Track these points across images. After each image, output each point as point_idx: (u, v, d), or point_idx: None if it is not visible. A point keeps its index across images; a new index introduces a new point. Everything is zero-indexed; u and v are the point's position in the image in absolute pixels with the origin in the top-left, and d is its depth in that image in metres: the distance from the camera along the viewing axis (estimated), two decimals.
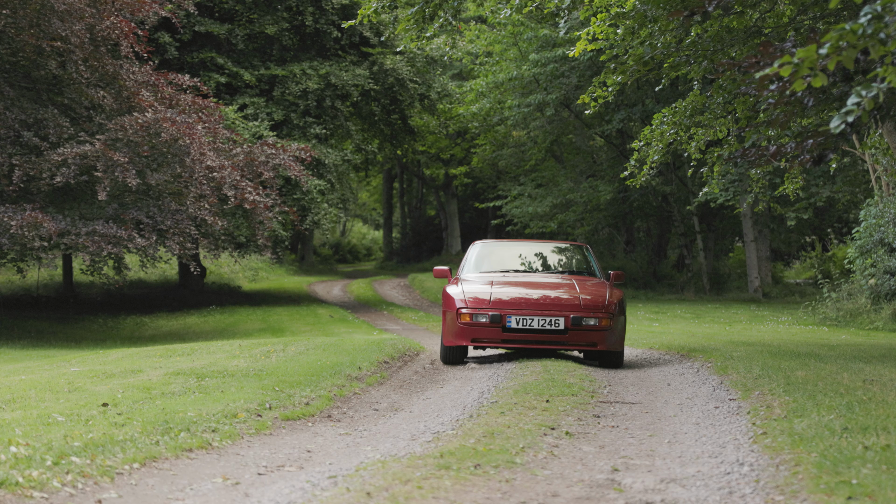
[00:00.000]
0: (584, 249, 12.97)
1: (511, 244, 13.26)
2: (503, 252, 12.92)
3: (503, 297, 11.10)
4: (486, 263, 12.45)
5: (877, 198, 18.99)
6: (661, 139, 12.81)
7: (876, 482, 4.81)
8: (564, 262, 12.75)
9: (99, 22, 16.37)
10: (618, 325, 11.09)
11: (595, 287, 11.51)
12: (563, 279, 11.88)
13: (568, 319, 10.87)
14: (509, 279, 11.79)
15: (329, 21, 26.95)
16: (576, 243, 13.13)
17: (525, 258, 12.73)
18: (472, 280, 11.76)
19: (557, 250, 13.07)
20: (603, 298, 11.11)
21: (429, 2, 12.55)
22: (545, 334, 10.90)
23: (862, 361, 10.49)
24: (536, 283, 11.71)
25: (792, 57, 4.90)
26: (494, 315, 10.89)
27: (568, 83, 28.34)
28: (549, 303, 11.04)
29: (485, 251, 12.81)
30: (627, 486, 5.23)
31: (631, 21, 11.40)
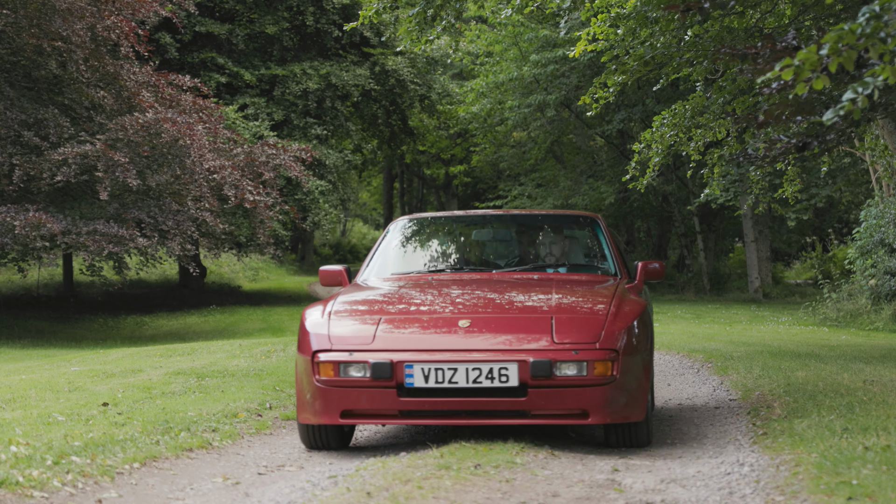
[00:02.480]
0: (592, 224, 7.61)
1: (460, 220, 7.94)
2: (443, 235, 7.77)
3: (401, 328, 5.98)
4: (409, 257, 7.47)
5: (877, 198, 18.99)
6: (662, 141, 12.80)
7: (876, 483, 4.81)
8: (555, 250, 7.56)
9: (100, 21, 16.38)
10: (633, 372, 5.88)
11: (592, 296, 6.34)
12: (539, 282, 6.79)
13: (525, 367, 5.64)
14: (434, 288, 6.66)
15: (330, 21, 26.95)
16: (579, 214, 7.87)
17: (481, 245, 7.71)
18: (362, 293, 6.65)
19: (544, 228, 7.84)
20: (599, 319, 5.91)
21: (430, 2, 12.55)
22: (483, 398, 5.73)
23: (862, 362, 10.49)
24: (482, 295, 6.45)
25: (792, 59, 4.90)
26: (380, 365, 5.70)
27: (568, 83, 28.34)
28: (492, 334, 5.86)
29: (409, 235, 7.68)
30: (627, 487, 5.23)
31: (632, 21, 11.40)
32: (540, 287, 6.53)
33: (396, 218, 8.02)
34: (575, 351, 5.66)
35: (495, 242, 7.65)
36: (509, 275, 6.98)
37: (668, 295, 29.39)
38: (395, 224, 7.69)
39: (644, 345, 6.01)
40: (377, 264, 7.29)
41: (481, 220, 7.85)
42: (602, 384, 5.71)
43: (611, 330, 5.79)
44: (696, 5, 6.98)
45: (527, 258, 7.48)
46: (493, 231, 7.74)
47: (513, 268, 7.20)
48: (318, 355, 5.86)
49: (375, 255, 7.38)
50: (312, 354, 5.87)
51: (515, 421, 5.75)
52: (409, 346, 5.78)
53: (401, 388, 5.71)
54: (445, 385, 5.66)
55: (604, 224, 7.51)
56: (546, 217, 7.99)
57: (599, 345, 5.71)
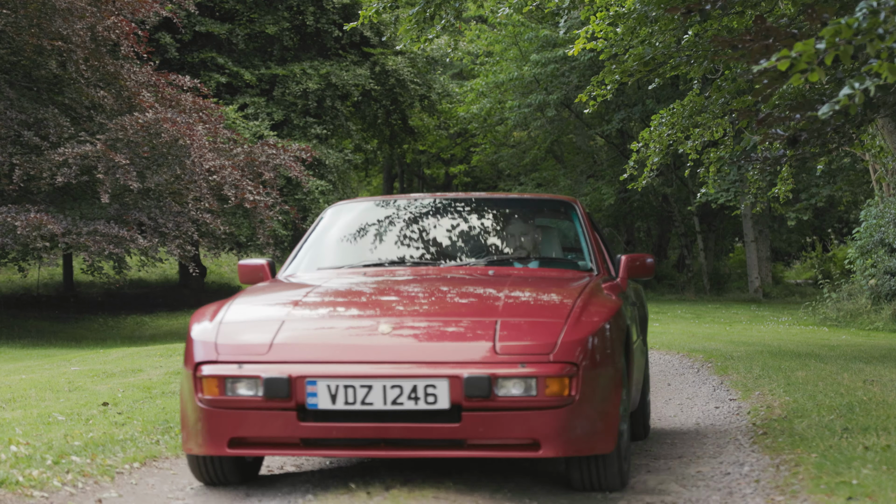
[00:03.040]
0: (568, 211, 6.40)
1: (409, 204, 6.54)
2: (387, 223, 6.41)
3: (307, 334, 4.77)
4: (343, 248, 6.23)
5: (877, 198, 19.00)
6: (660, 140, 12.81)
7: (876, 483, 4.81)
8: (521, 241, 6.31)
9: (100, 21, 16.38)
10: (598, 391, 4.62)
11: (553, 295, 5.09)
12: (493, 278, 5.54)
13: (457, 385, 4.41)
14: (363, 286, 5.44)
15: (330, 21, 26.96)
16: (552, 198, 6.66)
17: (431, 234, 6.31)
18: (271, 291, 5.48)
19: (508, 215, 6.46)
20: (556, 323, 4.66)
21: (430, 2, 12.55)
22: (405, 423, 4.48)
23: (862, 362, 10.49)
24: (418, 294, 5.26)
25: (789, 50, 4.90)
26: (274, 381, 4.48)
27: (568, 83, 28.35)
28: (419, 342, 4.65)
29: (347, 222, 6.42)
30: (628, 487, 5.23)
31: (631, 21, 11.41)
32: (492, 285, 5.23)
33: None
34: (522, 364, 4.32)
35: (448, 231, 6.22)
36: (460, 270, 5.68)
37: (669, 295, 29.39)
38: (331, 209, 6.43)
39: (615, 356, 4.67)
40: (306, 257, 6.02)
41: (432, 204, 6.44)
42: (557, 406, 4.36)
43: (570, 337, 4.45)
44: (696, 7, 6.98)
45: (485, 250, 6.05)
46: (447, 218, 6.31)
47: (466, 261, 5.88)
48: (201, 368, 4.56)
49: (304, 246, 6.09)
50: (195, 367, 4.57)
51: (447, 453, 4.44)
52: (314, 357, 4.46)
53: (302, 411, 4.40)
54: (357, 407, 4.34)
55: (582, 210, 6.27)
56: (511, 202, 6.55)
57: (554, 356, 4.36)
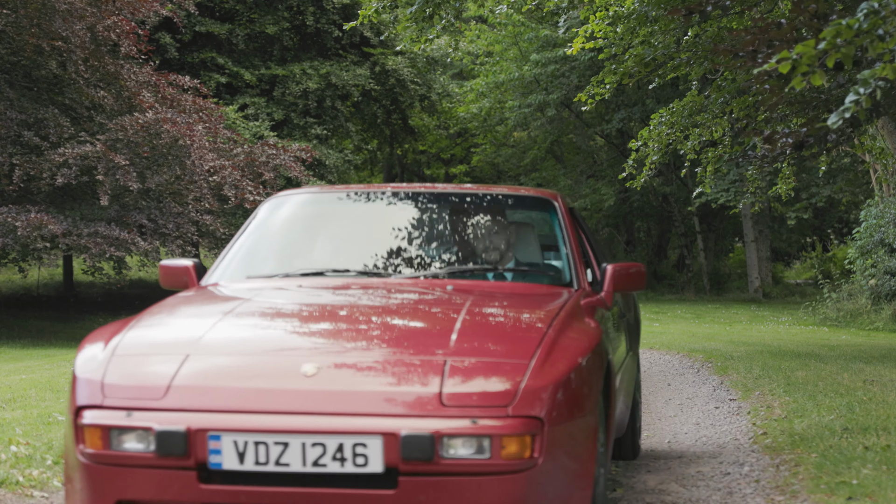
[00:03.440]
0: (546, 209, 5.30)
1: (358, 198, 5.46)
2: (332, 221, 5.38)
3: (214, 373, 3.73)
4: (277, 252, 5.17)
5: (877, 198, 19.01)
6: (659, 139, 12.82)
7: (876, 482, 4.81)
8: (488, 246, 5.12)
9: (100, 21, 16.39)
10: (569, 451, 3.63)
11: (519, 323, 4.21)
12: (450, 297, 4.45)
13: (393, 443, 3.43)
14: (291, 305, 4.51)
15: (330, 21, 26.97)
16: (526, 194, 5.39)
17: (381, 237, 5.12)
18: (181, 309, 4.39)
19: (474, 213, 5.29)
20: (518, 365, 3.64)
21: (429, 1, 12.56)
22: (329, 489, 3.49)
23: (862, 362, 10.50)
24: (355, 319, 4.28)
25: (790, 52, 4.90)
26: (169, 434, 3.50)
27: (568, 83, 28.36)
28: (349, 389, 3.59)
29: (285, 220, 5.34)
30: (628, 487, 5.24)
31: (631, 21, 11.41)
32: (448, 307, 4.20)
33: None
34: (473, 419, 3.39)
35: (403, 232, 5.04)
36: (413, 284, 4.57)
37: (669, 295, 29.41)
38: (270, 201, 5.29)
39: (591, 403, 3.72)
40: (234, 260, 4.92)
41: (388, 198, 5.29)
42: (516, 471, 3.45)
43: (535, 383, 3.50)
44: (697, 9, 6.98)
45: (445, 258, 4.91)
46: (403, 215, 5.15)
47: (422, 272, 4.73)
48: (82, 414, 3.60)
49: (235, 246, 5.00)
50: (76, 412, 3.63)
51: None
52: (220, 405, 3.53)
53: (204, 471, 3.49)
54: (271, 468, 3.45)
55: (563, 207, 5.10)
56: (480, 197, 5.27)
57: (513, 408, 3.42)
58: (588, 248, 5.43)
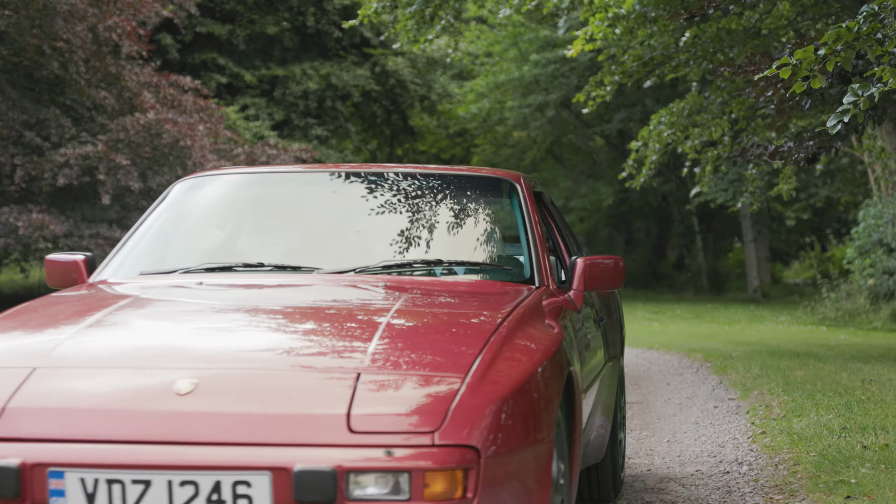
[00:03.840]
0: (507, 192, 4.39)
1: (283, 181, 4.71)
2: (250, 208, 4.51)
3: (63, 392, 2.85)
4: (181, 243, 4.29)
5: (875, 198, 19.04)
6: (659, 139, 12.85)
7: (874, 482, 4.85)
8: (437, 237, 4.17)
9: (101, 22, 16.42)
10: (513, 488, 2.79)
11: (454, 329, 3.34)
12: (380, 296, 3.68)
13: (283, 481, 2.63)
14: (187, 306, 3.73)
15: (330, 21, 27.01)
16: (483, 174, 4.52)
17: (307, 226, 4.35)
18: (46, 310, 3.54)
19: (420, 197, 4.34)
20: (450, 380, 2.85)
21: (428, 2, 12.60)
22: None
23: (860, 361, 10.54)
24: (253, 324, 3.43)
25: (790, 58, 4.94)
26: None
27: (568, 84, 28.39)
28: (231, 412, 2.75)
29: (194, 205, 4.46)
30: (627, 486, 5.27)
31: (631, 21, 11.44)
32: (373, 308, 3.53)
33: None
34: (388, 450, 2.66)
35: (334, 220, 4.29)
36: (338, 280, 3.81)
37: (668, 294, 29.43)
38: (180, 184, 4.49)
39: (544, 426, 2.94)
40: (131, 254, 4.16)
41: (319, 180, 4.57)
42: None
43: (469, 404, 2.76)
44: (699, 12, 7.01)
45: (380, 250, 4.05)
46: (336, 200, 4.38)
47: (351, 266, 3.89)
48: None
49: (132, 238, 4.24)
50: None
51: None
52: (65, 432, 2.74)
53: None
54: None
55: (527, 190, 4.31)
56: (428, 178, 4.42)
57: (441, 435, 2.69)
58: (559, 240, 4.63)
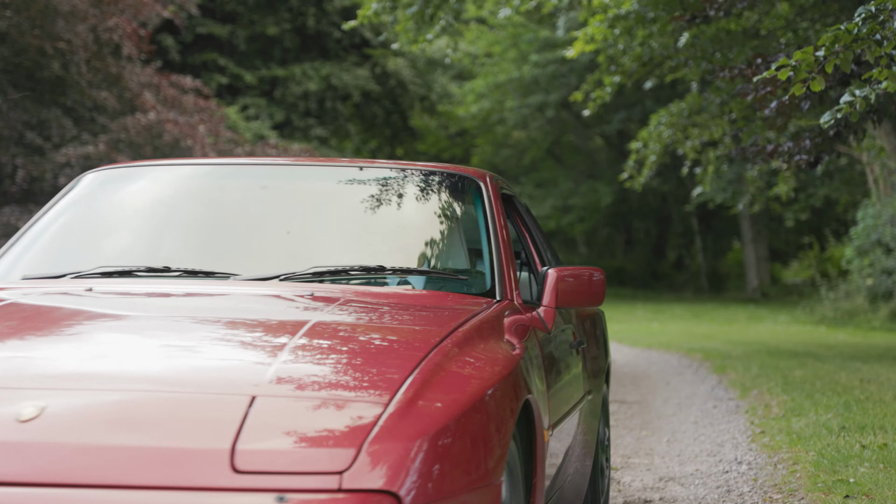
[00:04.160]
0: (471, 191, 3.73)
1: (207, 174, 3.98)
2: (163, 203, 3.82)
3: None
4: (81, 243, 3.67)
5: (874, 198, 19.08)
6: (659, 140, 12.89)
7: (873, 481, 4.88)
8: (383, 242, 3.62)
9: (102, 23, 16.46)
10: None
11: (394, 343, 2.78)
12: (301, 308, 3.03)
13: None
14: (69, 317, 3.01)
15: (331, 22, 27.03)
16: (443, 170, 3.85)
17: (229, 226, 3.72)
18: None
19: (366, 198, 3.72)
20: (368, 406, 2.24)
21: (428, 2, 12.64)
22: None
23: (859, 361, 10.57)
24: (143, 341, 2.73)
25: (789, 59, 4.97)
26: None
27: (568, 84, 28.43)
28: (91, 442, 2.13)
29: (102, 201, 3.82)
30: (626, 485, 5.30)
31: (631, 21, 11.47)
32: (289, 321, 2.89)
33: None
34: (280, 496, 2.08)
35: (262, 221, 3.72)
36: (257, 288, 3.21)
37: (667, 294, 29.45)
38: (85, 179, 3.97)
39: (487, 467, 2.36)
40: (22, 254, 3.59)
41: (245, 177, 3.97)
42: None
43: (391, 438, 2.19)
44: (701, 14, 7.04)
45: (312, 255, 3.47)
46: (266, 198, 3.82)
47: (275, 274, 3.30)
48: None
49: (26, 235, 3.68)
50: None
51: None
52: None
53: None
54: None
55: (493, 191, 3.72)
56: (373, 174, 3.86)
57: (351, 478, 2.11)
58: (532, 250, 4.09)
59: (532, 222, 4.31)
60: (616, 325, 18.04)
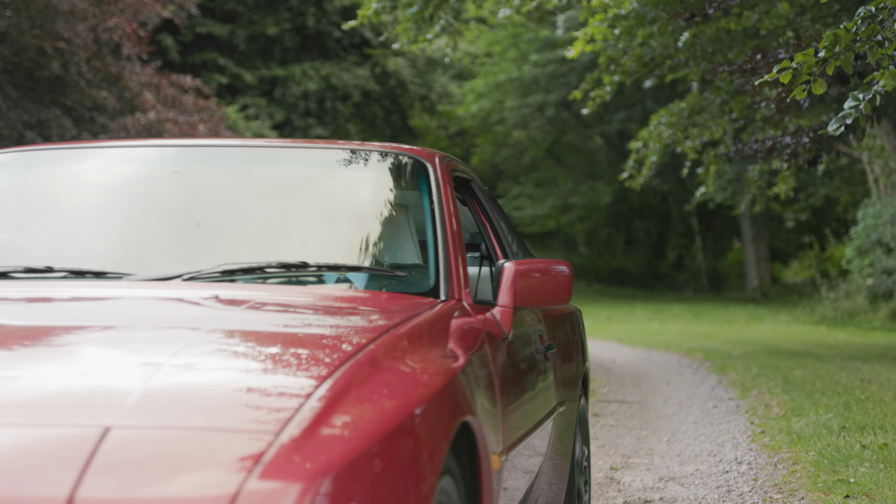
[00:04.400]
0: (414, 175, 3.25)
1: (114, 158, 3.43)
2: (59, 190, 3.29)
3: None
4: None
5: (874, 198, 19.08)
6: (659, 140, 12.89)
7: (873, 481, 4.88)
8: (311, 233, 3.12)
9: (102, 23, 16.47)
10: None
11: (298, 358, 2.17)
12: (201, 315, 2.56)
13: None
14: None
15: (330, 22, 27.04)
16: (383, 149, 3.35)
17: (128, 219, 3.14)
18: None
19: (293, 182, 3.29)
20: (257, 436, 1.75)
21: (428, 2, 12.65)
22: None
23: (859, 361, 10.57)
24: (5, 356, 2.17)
25: (790, 62, 4.97)
26: None
27: (568, 84, 28.43)
28: None
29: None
30: (626, 485, 5.30)
31: (630, 22, 11.47)
32: (172, 335, 2.37)
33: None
34: None
35: (168, 213, 3.19)
36: (152, 291, 2.74)
37: (667, 294, 29.46)
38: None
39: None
40: None
41: (147, 160, 3.44)
42: None
43: (273, 480, 1.67)
44: (700, 13, 7.05)
45: (224, 250, 3.02)
46: (174, 188, 3.28)
47: (175, 273, 2.86)
48: None
49: None
50: None
51: None
52: None
53: None
54: None
55: (443, 174, 3.23)
56: (302, 156, 3.44)
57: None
58: (494, 244, 3.65)
59: (496, 210, 3.87)
60: (616, 324, 18.04)
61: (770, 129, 10.91)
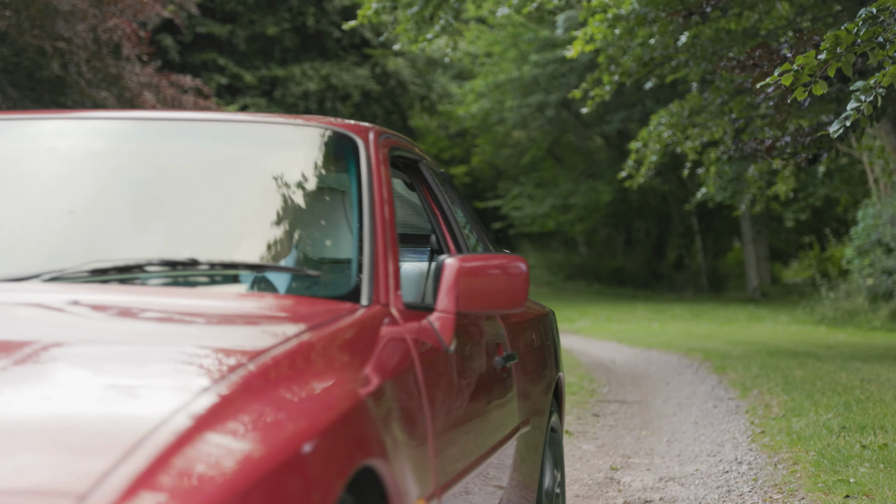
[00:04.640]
0: (340, 155, 2.73)
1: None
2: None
3: None
4: None
5: (874, 198, 19.08)
6: (659, 140, 12.90)
7: (873, 481, 4.88)
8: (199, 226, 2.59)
9: (101, 23, 16.47)
10: None
11: (145, 386, 1.63)
12: (40, 331, 1.94)
13: None
14: None
15: (330, 22, 27.05)
16: (303, 123, 2.84)
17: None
18: None
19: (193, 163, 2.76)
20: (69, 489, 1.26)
21: (428, 2, 12.66)
22: None
23: (859, 361, 10.57)
24: None
25: (791, 64, 4.97)
26: None
27: (568, 84, 28.44)
28: None
29: None
30: (626, 485, 5.30)
31: (630, 22, 11.48)
32: (9, 353, 1.75)
33: None
34: None
35: (32, 195, 2.69)
36: (6, 295, 2.21)
37: (667, 294, 29.46)
38: None
39: None
40: None
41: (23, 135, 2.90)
42: None
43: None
44: (698, 10, 7.05)
45: (100, 244, 2.51)
46: (42, 166, 2.75)
47: (35, 273, 2.33)
48: None
49: None
50: None
51: None
52: None
53: None
54: None
55: (376, 153, 2.74)
56: (211, 131, 2.93)
57: None
58: (446, 237, 3.21)
59: (451, 197, 3.39)
60: (616, 325, 18.04)
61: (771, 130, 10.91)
